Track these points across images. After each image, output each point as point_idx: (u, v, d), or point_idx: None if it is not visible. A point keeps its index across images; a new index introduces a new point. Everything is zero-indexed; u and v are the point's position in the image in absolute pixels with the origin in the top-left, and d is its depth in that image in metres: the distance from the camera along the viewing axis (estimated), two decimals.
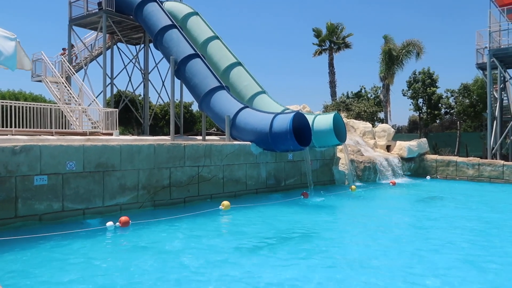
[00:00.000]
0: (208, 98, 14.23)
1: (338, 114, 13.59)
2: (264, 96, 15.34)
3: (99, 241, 6.97)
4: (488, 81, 20.31)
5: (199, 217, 8.94)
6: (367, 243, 7.15)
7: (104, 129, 15.91)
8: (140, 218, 8.45)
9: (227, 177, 11.40)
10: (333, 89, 34.18)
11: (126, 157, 9.19)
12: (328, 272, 5.59)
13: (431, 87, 30.63)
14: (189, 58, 15.10)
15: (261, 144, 12.30)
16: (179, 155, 10.23)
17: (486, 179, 16.63)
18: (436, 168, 18.10)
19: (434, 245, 6.96)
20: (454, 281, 5.23)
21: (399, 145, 18.86)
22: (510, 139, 21.96)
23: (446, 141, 29.24)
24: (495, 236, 7.72)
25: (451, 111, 31.83)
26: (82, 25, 20.88)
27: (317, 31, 34.32)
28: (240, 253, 6.41)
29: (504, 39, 20.22)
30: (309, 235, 7.66)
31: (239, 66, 16.03)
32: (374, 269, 5.69)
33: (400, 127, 41.21)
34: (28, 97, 31.83)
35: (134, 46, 23.65)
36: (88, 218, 8.36)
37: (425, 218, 9.49)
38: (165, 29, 16.21)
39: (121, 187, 9.09)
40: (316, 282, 5.15)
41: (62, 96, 17.84)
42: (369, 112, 28.76)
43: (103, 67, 19.54)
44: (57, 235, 7.06)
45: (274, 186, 12.82)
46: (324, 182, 14.67)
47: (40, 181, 7.84)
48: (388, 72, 28.24)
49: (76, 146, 8.42)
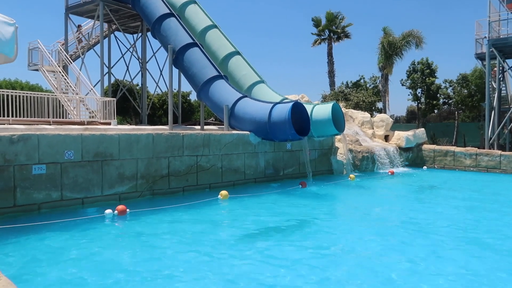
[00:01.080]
0: (206, 88, 14.17)
1: (336, 104, 13.56)
2: (262, 86, 15.29)
3: (96, 229, 6.98)
4: (487, 71, 20.30)
5: (198, 206, 8.96)
6: (364, 232, 7.20)
7: (102, 118, 15.86)
8: (139, 207, 8.47)
9: (225, 167, 11.42)
10: (331, 79, 34.08)
11: (124, 146, 9.18)
12: (323, 261, 5.63)
13: (430, 77, 30.60)
14: (187, 47, 14.99)
15: (259, 133, 12.30)
16: (177, 145, 10.23)
17: (483, 169, 16.71)
18: (434, 158, 18.16)
19: (430, 233, 7.01)
20: (450, 265, 5.29)
21: (397, 135, 18.90)
22: (508, 129, 22.03)
23: (444, 131, 29.31)
24: (491, 222, 7.78)
25: (449, 102, 31.86)
26: (78, 14, 20.68)
27: (316, 21, 34.09)
28: (237, 242, 6.44)
29: (503, 29, 20.17)
30: (306, 225, 7.69)
31: (238, 55, 15.93)
32: (369, 258, 5.74)
33: (398, 117, 41.24)
34: (25, 86, 31.64)
35: (131, 35, 23.47)
36: (87, 207, 8.38)
37: (421, 207, 9.55)
38: (163, 17, 16.06)
39: (119, 176, 9.09)
40: (312, 271, 5.19)
41: (59, 85, 17.73)
42: (368, 102, 28.75)
43: (100, 56, 19.40)
44: (55, 224, 7.08)
45: (273, 176, 12.85)
46: (323, 172, 14.71)
47: (38, 170, 7.83)
48: (387, 62, 28.16)
49: (74, 135, 8.40)
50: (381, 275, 5.05)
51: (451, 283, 4.84)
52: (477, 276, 5.03)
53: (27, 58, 19.35)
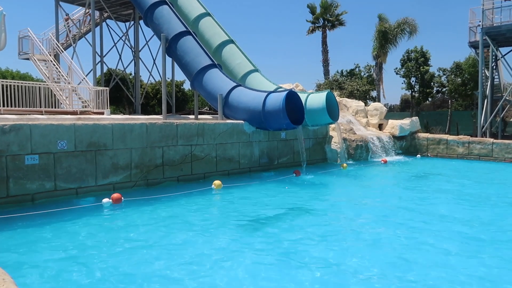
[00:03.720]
0: (200, 77, 14.08)
1: (331, 93, 13.56)
2: (257, 75, 15.21)
3: (91, 219, 6.98)
4: (480, 60, 20.34)
5: (192, 196, 8.98)
6: (356, 220, 7.27)
7: (95, 108, 15.74)
8: (133, 196, 8.47)
9: (220, 156, 11.41)
10: (326, 67, 34.01)
11: (118, 136, 9.13)
12: (317, 249, 5.69)
13: (424, 66, 30.62)
14: (180, 36, 14.83)
15: (254, 122, 12.28)
16: (171, 134, 10.19)
17: (476, 157, 16.87)
18: (427, 146, 18.29)
19: (421, 222, 7.10)
20: (439, 254, 5.37)
21: (391, 123, 18.97)
22: (500, 118, 22.18)
23: (437, 120, 29.46)
24: (482, 211, 7.90)
25: (443, 90, 31.96)
26: (69, 1, 20.34)
27: (311, 8, 33.86)
28: (231, 231, 6.48)
29: (497, 16, 20.14)
30: (300, 213, 7.74)
31: (232, 44, 15.80)
32: (360, 247, 5.80)
33: (392, 106, 41.35)
34: (16, 76, 31.23)
35: (123, 23, 23.16)
36: (82, 198, 8.36)
37: (412, 195, 9.64)
38: (155, 5, 15.84)
39: (113, 166, 9.06)
40: (305, 261, 5.25)
41: (51, 74, 17.53)
42: (362, 90, 28.77)
43: (92, 45, 19.16)
44: (48, 213, 7.07)
45: (267, 165, 12.88)
46: (317, 161, 14.77)
47: (31, 160, 7.77)
48: (381, 51, 28.12)
49: (67, 125, 8.33)
50: (376, 262, 5.12)
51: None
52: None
53: (17, 47, 19.07)
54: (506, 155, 16.23)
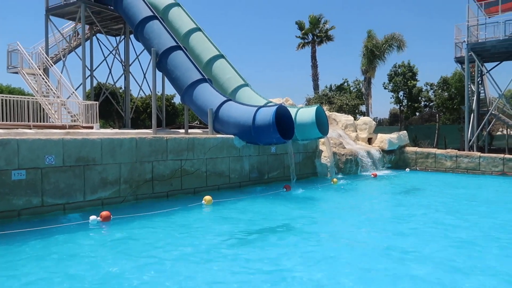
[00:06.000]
0: (190, 91, 14.11)
1: (320, 107, 13.68)
2: (247, 89, 15.31)
3: (78, 236, 6.87)
4: (466, 75, 20.76)
5: (182, 211, 8.90)
6: (347, 236, 7.27)
7: (84, 122, 15.63)
8: (122, 212, 8.36)
9: (210, 171, 11.38)
10: (315, 82, 34.37)
11: (107, 150, 9.06)
12: (307, 265, 5.66)
13: (412, 80, 31.11)
14: (171, 50, 14.91)
15: (244, 137, 12.30)
16: (161, 149, 10.14)
17: (463, 171, 17.07)
18: (416, 160, 18.47)
19: (411, 236, 7.12)
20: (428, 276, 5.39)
21: (380, 137, 19.15)
22: (486, 131, 22.55)
23: (425, 134, 29.81)
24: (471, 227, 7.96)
25: (431, 104, 32.44)
26: (59, 15, 20.34)
27: (300, 24, 34.35)
28: (221, 247, 6.42)
29: (481, 33, 20.67)
30: (291, 228, 7.72)
31: (222, 58, 15.92)
32: (351, 266, 5.79)
33: (381, 120, 41.76)
34: (5, 90, 30.92)
35: (114, 37, 23.20)
36: (69, 213, 8.23)
37: (403, 209, 9.69)
38: (146, 20, 15.94)
39: (102, 181, 8.97)
40: (295, 275, 5.22)
41: (40, 88, 17.41)
42: (351, 105, 29.05)
43: (82, 59, 19.12)
44: (35, 231, 6.93)
45: (257, 179, 12.86)
46: (307, 175, 14.80)
47: (18, 175, 7.66)
48: (370, 66, 28.53)
49: (55, 139, 8.25)
50: (367, 276, 5.10)
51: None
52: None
53: (6, 61, 18.94)
54: (493, 168, 16.46)
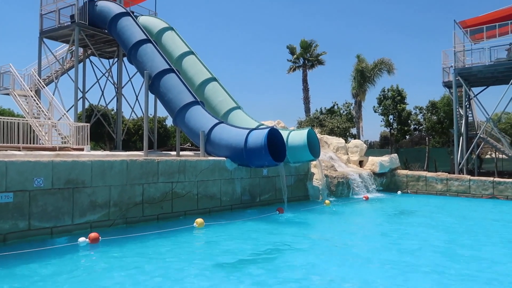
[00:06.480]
0: (182, 113, 14.14)
1: (312, 130, 13.77)
2: (239, 112, 15.39)
3: (65, 260, 6.70)
4: (454, 99, 21.15)
5: (172, 234, 8.77)
6: (341, 260, 7.20)
7: (75, 144, 15.50)
8: (111, 235, 8.21)
9: (201, 193, 11.28)
10: (307, 105, 34.72)
11: (97, 173, 8.96)
12: None
13: (401, 104, 31.59)
14: (163, 73, 15.01)
15: (236, 159, 12.28)
16: (152, 171, 10.07)
17: (454, 194, 17.15)
18: (407, 183, 18.54)
19: (405, 260, 7.08)
20: None
21: (371, 160, 19.24)
22: (476, 155, 22.82)
23: (416, 157, 30.05)
24: (463, 249, 7.95)
25: (420, 127, 32.86)
26: (53, 38, 20.46)
27: (291, 48, 34.99)
28: (212, 272, 6.31)
29: (468, 58, 21.21)
30: (283, 252, 7.63)
31: (214, 81, 16.06)
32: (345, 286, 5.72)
33: (372, 143, 42.10)
34: None
35: (107, 60, 23.33)
36: (56, 237, 8.06)
37: (395, 232, 9.66)
38: (139, 43, 16.10)
39: (91, 204, 8.83)
40: None
41: (31, 110, 17.31)
42: (342, 128, 29.31)
43: (74, 81, 19.13)
44: (19, 254, 6.76)
45: (249, 202, 12.77)
46: (299, 198, 14.74)
47: (5, 198, 7.51)
48: (360, 89, 28.99)
49: (44, 162, 8.15)
50: None
51: None
52: None
53: None
54: (483, 191, 16.57)
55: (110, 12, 17.88)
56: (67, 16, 19.36)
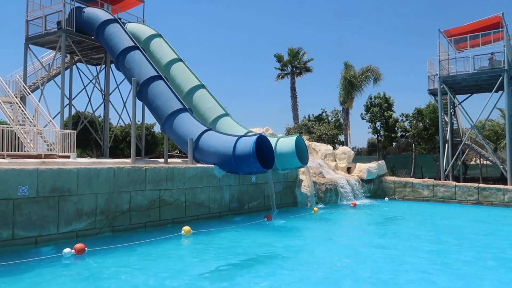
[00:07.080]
0: (170, 120, 14.09)
1: (300, 137, 13.84)
2: (227, 119, 15.40)
3: (50, 271, 6.58)
4: (439, 106, 21.50)
5: (160, 243, 8.69)
6: (330, 266, 7.21)
7: (61, 151, 15.29)
8: (98, 245, 8.09)
9: (189, 201, 11.22)
10: (295, 112, 34.89)
11: (83, 181, 8.85)
12: None
13: (388, 111, 31.97)
14: (151, 80, 14.96)
15: (224, 166, 12.26)
16: (140, 179, 9.98)
17: (440, 200, 17.36)
18: (394, 189, 18.72)
19: (394, 267, 7.13)
20: None
21: (359, 167, 19.40)
22: (461, 161, 23.17)
23: (403, 163, 30.38)
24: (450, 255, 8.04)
25: (407, 134, 33.27)
26: (39, 44, 20.23)
27: (278, 56, 35.20)
28: (201, 280, 6.26)
29: (452, 67, 21.63)
30: (272, 259, 7.62)
31: (203, 88, 16.06)
32: None
33: (360, 149, 42.43)
34: None
35: (94, 66, 23.15)
36: (41, 247, 7.91)
37: (382, 238, 9.73)
38: (127, 50, 16.03)
39: (77, 212, 8.71)
40: None
41: (16, 116, 17.05)
42: (330, 135, 29.51)
43: (61, 88, 18.92)
44: (4, 265, 6.61)
45: (238, 209, 12.74)
46: (287, 204, 14.76)
47: None
48: (348, 97, 29.25)
49: (29, 169, 8.02)
50: None
51: None
52: None
53: None
54: (469, 197, 16.81)
55: (98, 18, 17.78)
56: (54, 23, 19.17)
